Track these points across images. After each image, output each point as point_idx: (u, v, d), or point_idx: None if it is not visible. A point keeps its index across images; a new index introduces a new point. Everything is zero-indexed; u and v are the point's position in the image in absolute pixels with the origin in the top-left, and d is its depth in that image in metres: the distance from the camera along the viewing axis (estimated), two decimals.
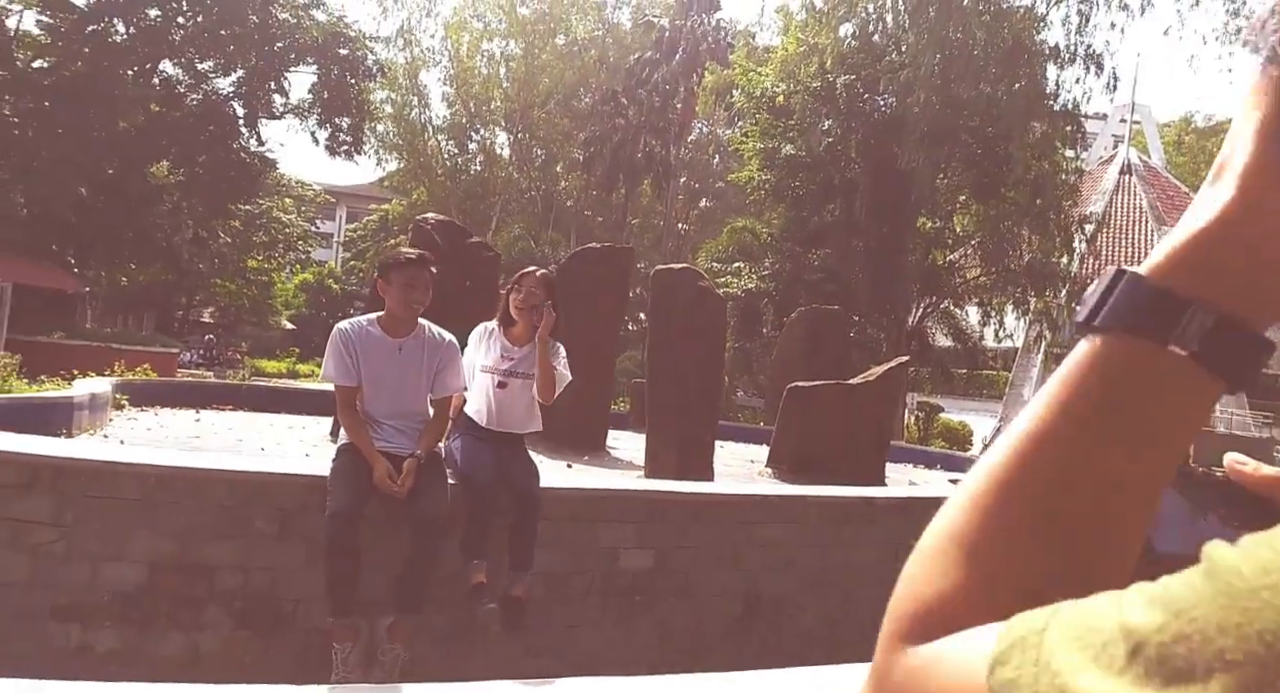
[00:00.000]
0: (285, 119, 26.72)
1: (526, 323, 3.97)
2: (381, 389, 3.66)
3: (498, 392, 3.93)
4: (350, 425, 3.59)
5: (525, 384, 3.96)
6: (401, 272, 3.66)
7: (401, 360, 3.69)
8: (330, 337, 3.68)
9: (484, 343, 4.00)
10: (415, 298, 3.68)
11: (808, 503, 4.65)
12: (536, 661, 3.82)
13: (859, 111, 19.36)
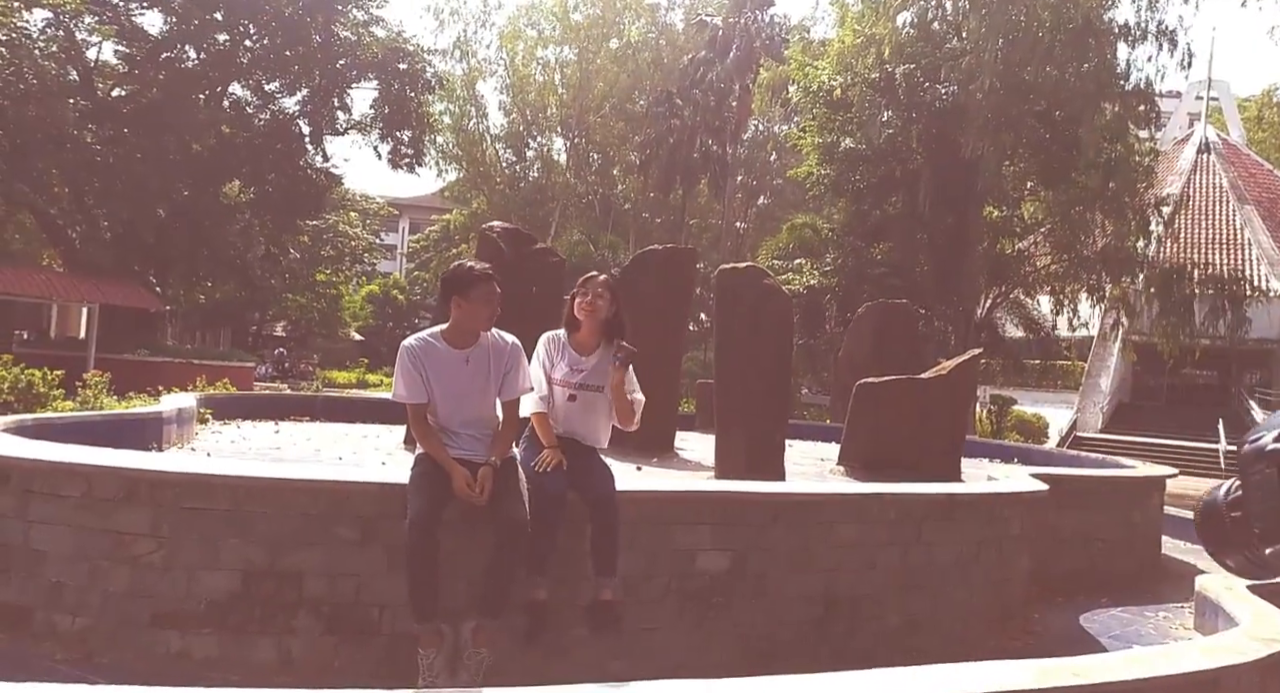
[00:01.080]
0: (348, 135, 27.44)
1: (591, 327, 3.95)
2: (453, 401, 3.67)
3: (569, 405, 3.91)
4: (424, 438, 3.63)
5: (596, 396, 3.93)
6: (480, 288, 3.64)
7: (470, 371, 3.70)
8: (398, 356, 3.70)
9: (552, 353, 3.97)
10: (493, 313, 3.69)
11: (885, 501, 4.55)
12: (615, 663, 3.82)
13: (919, 101, 18.97)
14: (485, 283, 3.67)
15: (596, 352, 3.96)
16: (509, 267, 7.00)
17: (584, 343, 3.97)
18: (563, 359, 3.94)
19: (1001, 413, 22.00)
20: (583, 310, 3.92)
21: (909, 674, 2.68)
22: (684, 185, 31.68)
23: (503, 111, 36.11)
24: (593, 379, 3.92)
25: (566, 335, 4.00)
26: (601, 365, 3.93)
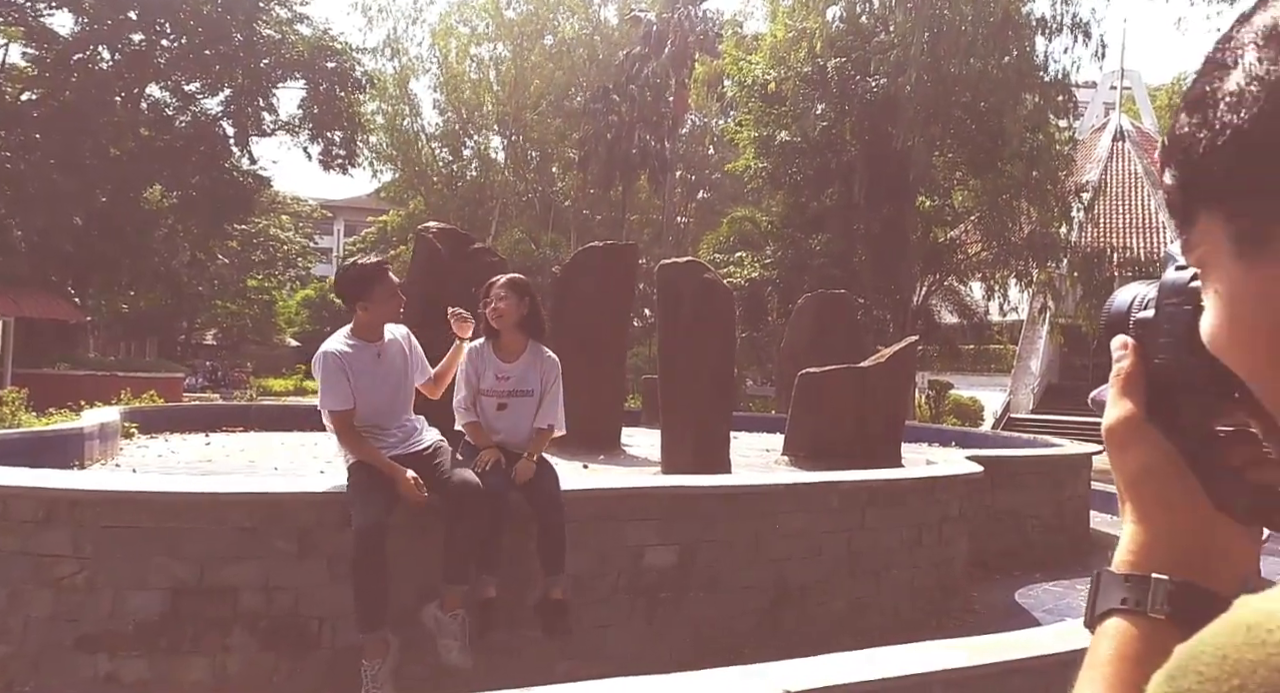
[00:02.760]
0: (276, 136, 26.73)
1: (509, 331, 3.89)
2: (377, 397, 3.64)
3: (500, 414, 3.88)
4: (357, 446, 3.55)
5: (526, 401, 3.89)
6: (382, 283, 3.64)
7: (385, 364, 3.70)
8: (320, 362, 3.59)
9: (477, 365, 3.90)
10: (400, 301, 3.71)
11: (830, 489, 4.61)
12: (568, 663, 3.79)
13: (852, 94, 19.28)
14: (387, 278, 3.66)
15: (521, 356, 3.91)
16: (448, 268, 6.90)
17: (507, 348, 3.92)
18: (487, 369, 3.89)
19: (939, 398, 22.52)
20: (492, 317, 3.86)
21: (854, 659, 2.71)
22: (624, 181, 31.66)
23: (437, 110, 35.61)
24: (522, 385, 3.88)
25: (490, 344, 3.93)
26: (529, 370, 3.89)
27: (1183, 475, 0.50)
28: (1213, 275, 0.43)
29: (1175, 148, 0.43)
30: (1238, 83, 0.39)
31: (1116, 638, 0.47)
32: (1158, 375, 0.52)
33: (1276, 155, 0.37)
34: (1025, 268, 19.94)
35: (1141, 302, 0.54)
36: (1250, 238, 0.39)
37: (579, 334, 7.99)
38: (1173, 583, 0.47)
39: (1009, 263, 20.03)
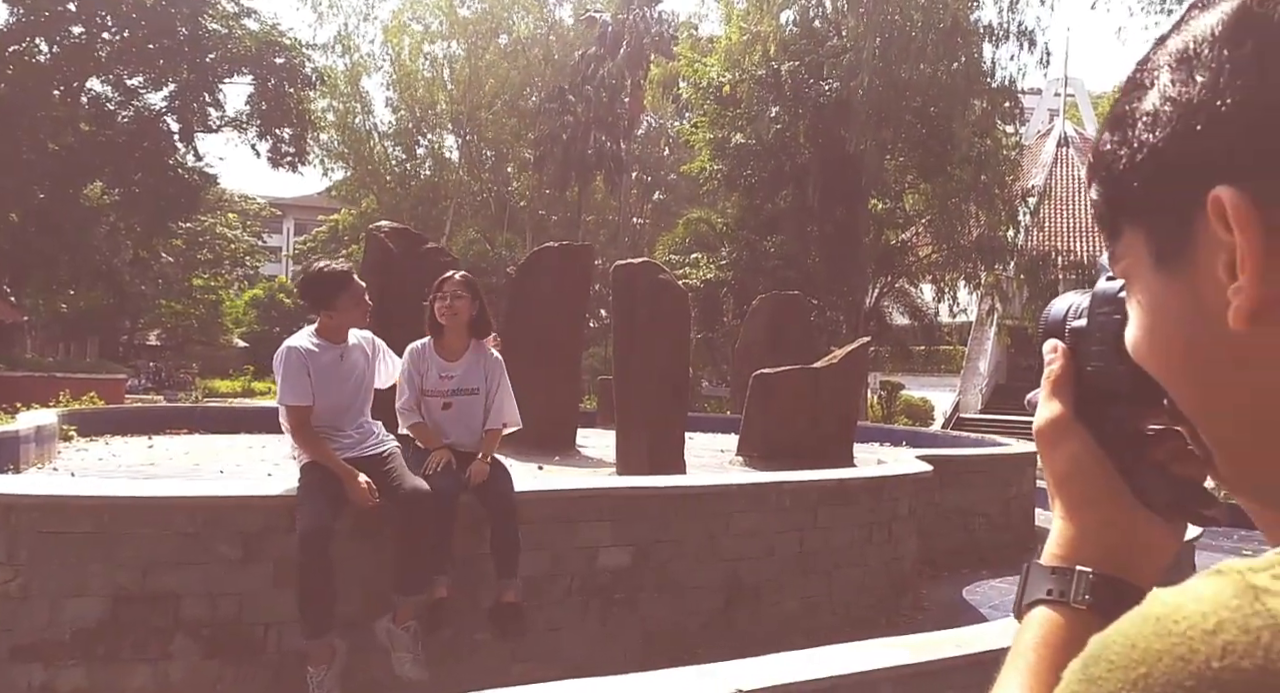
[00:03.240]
0: (223, 132, 26.14)
1: (456, 329, 3.85)
2: (337, 398, 3.60)
3: (446, 414, 3.83)
4: (313, 445, 3.50)
5: (472, 400, 3.85)
6: (350, 290, 3.62)
7: (345, 367, 3.67)
8: (282, 357, 3.56)
9: (419, 365, 3.84)
10: (367, 308, 3.69)
11: (782, 489, 4.65)
12: (522, 665, 3.77)
13: (805, 97, 19.49)
14: (353, 284, 3.63)
15: (465, 355, 3.87)
16: (399, 268, 6.82)
17: (450, 348, 3.87)
18: (430, 369, 3.83)
19: (891, 398, 22.89)
20: (443, 314, 3.81)
21: (804, 657, 2.74)
22: (579, 182, 31.59)
23: (390, 108, 35.13)
24: (466, 383, 3.83)
25: (431, 343, 3.88)
26: (472, 368, 3.85)
27: (1108, 473, 0.52)
28: (1135, 287, 0.44)
29: (1099, 164, 0.44)
30: (1153, 103, 0.40)
31: (1041, 627, 0.49)
32: (1091, 382, 0.54)
33: (1188, 174, 0.38)
34: (974, 270, 20.36)
35: (1076, 311, 0.56)
36: (1167, 252, 0.41)
37: (534, 335, 7.96)
38: (1095, 575, 0.49)
39: (958, 265, 20.44)
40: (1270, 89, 0.36)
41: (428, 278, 6.90)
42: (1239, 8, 0.38)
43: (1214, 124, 0.37)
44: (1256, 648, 0.26)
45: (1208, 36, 0.38)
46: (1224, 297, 0.37)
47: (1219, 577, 0.29)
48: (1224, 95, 0.37)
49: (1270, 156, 0.36)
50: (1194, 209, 0.38)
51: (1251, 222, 0.36)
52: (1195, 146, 0.38)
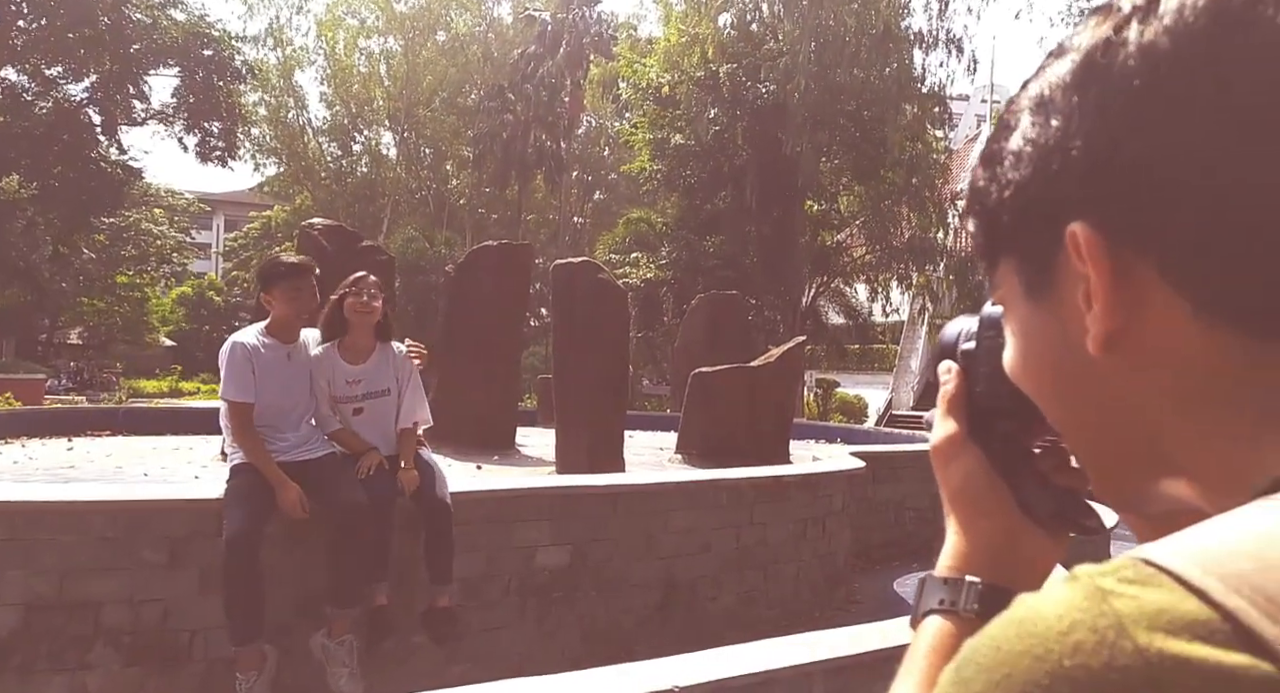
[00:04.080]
0: (148, 125, 25.24)
1: (365, 330, 3.69)
2: (279, 399, 3.52)
3: (358, 420, 3.71)
4: (252, 448, 3.41)
5: (383, 402, 3.72)
6: (286, 282, 3.54)
7: (291, 367, 3.59)
8: (227, 352, 3.47)
9: (325, 371, 3.66)
10: (304, 305, 3.58)
11: (718, 486, 4.71)
12: (459, 667, 3.74)
13: (743, 99, 19.71)
14: (291, 276, 3.54)
15: (371, 356, 3.72)
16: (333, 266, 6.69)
17: (354, 349, 3.71)
18: (335, 374, 3.67)
19: (826, 396, 23.30)
20: (356, 312, 3.65)
21: (741, 652, 2.78)
22: (520, 180, 31.38)
23: (325, 103, 34.40)
24: (376, 385, 3.71)
25: (335, 345, 3.69)
26: (381, 369, 3.72)
27: (997, 488, 0.55)
28: (1010, 314, 0.47)
29: (973, 199, 0.47)
30: (1017, 143, 0.43)
31: (933, 635, 0.52)
32: (980, 402, 0.57)
33: (1048, 210, 0.41)
34: (906, 271, 20.86)
35: (966, 334, 0.59)
36: (1035, 282, 0.44)
37: (473, 334, 7.89)
38: (982, 585, 0.52)
39: (891, 266, 20.92)
40: (1112, 133, 0.38)
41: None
42: (1085, 58, 0.40)
43: (1067, 165, 0.40)
44: (1103, 646, 0.28)
45: (1060, 83, 0.41)
46: (1084, 324, 0.40)
47: (1073, 581, 0.31)
48: (1074, 138, 0.40)
49: (1116, 195, 0.38)
50: (1055, 243, 0.41)
51: (1101, 255, 0.39)
52: (1053, 185, 0.41)
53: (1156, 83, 0.37)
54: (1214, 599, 0.28)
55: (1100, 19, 0.41)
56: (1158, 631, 0.27)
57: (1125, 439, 0.42)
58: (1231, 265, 0.36)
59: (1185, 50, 0.37)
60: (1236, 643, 0.27)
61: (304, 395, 3.63)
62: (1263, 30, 0.35)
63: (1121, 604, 0.28)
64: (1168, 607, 0.28)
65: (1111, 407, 0.42)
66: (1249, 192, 0.35)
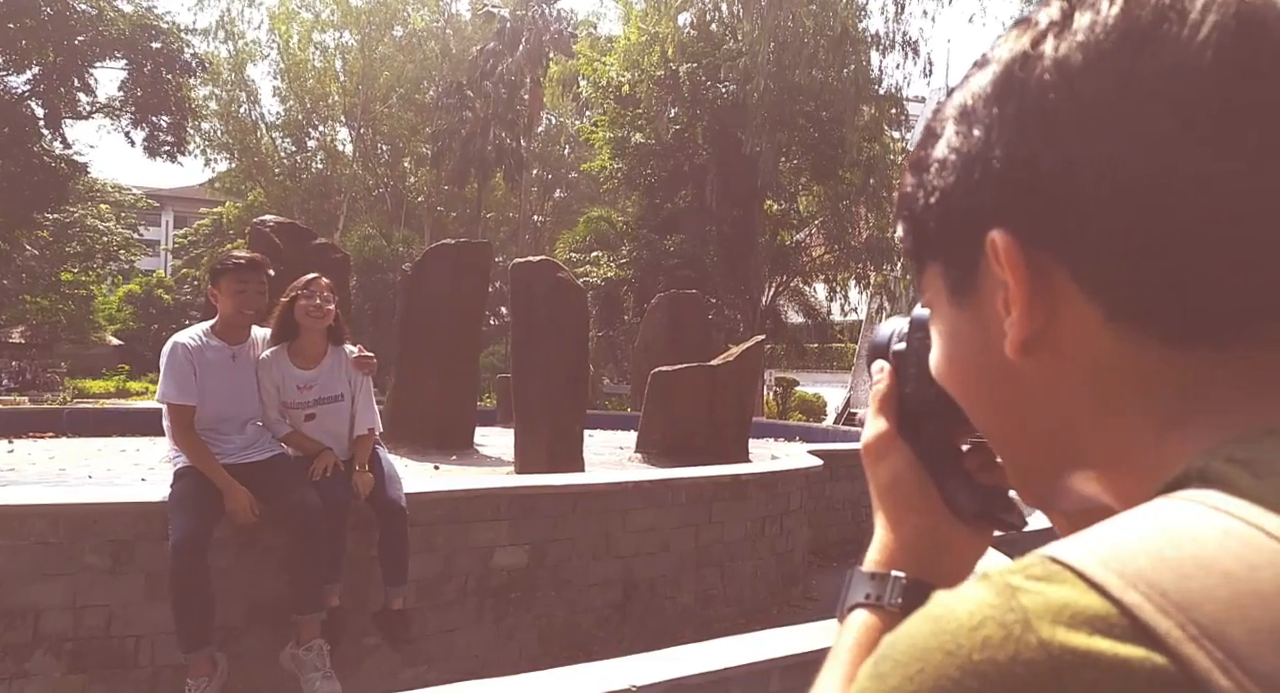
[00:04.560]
0: (94, 119, 24.55)
1: (316, 333, 3.60)
2: (223, 401, 3.43)
3: (309, 426, 3.63)
4: (196, 452, 3.33)
5: (336, 407, 3.63)
6: (232, 276, 3.44)
7: (237, 369, 3.50)
8: (167, 352, 3.38)
9: (274, 376, 3.56)
10: (248, 303, 3.47)
11: (677, 486, 4.71)
12: (414, 670, 3.70)
13: (703, 99, 19.78)
14: (239, 271, 3.45)
15: (323, 360, 3.63)
16: (286, 264, 6.56)
17: (305, 354, 3.61)
18: (285, 380, 3.57)
19: (786, 394, 23.49)
20: (308, 315, 3.54)
21: (698, 650, 2.79)
22: (479, 178, 31.12)
23: (278, 98, 33.74)
24: (329, 391, 3.62)
25: (285, 348, 3.59)
26: (333, 374, 3.63)
27: (924, 485, 0.57)
28: (936, 316, 0.49)
29: (902, 205, 0.49)
30: (942, 151, 0.45)
31: (859, 629, 0.53)
32: (908, 402, 0.58)
33: (971, 217, 0.43)
34: (864, 270, 21.11)
35: (898, 335, 0.60)
36: (959, 287, 0.45)
37: (431, 333, 7.81)
38: (907, 580, 0.54)
39: (849, 265, 21.15)
40: (1030, 145, 0.40)
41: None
42: (1004, 70, 0.42)
43: (988, 174, 0.41)
44: (1009, 640, 0.29)
45: (982, 94, 0.43)
46: (1003, 328, 0.42)
47: (984, 579, 0.31)
48: (994, 149, 0.41)
49: (1033, 205, 0.40)
50: (977, 249, 0.42)
51: (1019, 263, 0.40)
52: (975, 193, 0.42)
53: (1070, 97, 0.39)
54: (1113, 595, 0.29)
55: (1020, 32, 0.42)
56: (1060, 625, 0.28)
57: (1043, 440, 0.44)
58: (1140, 274, 0.37)
59: (1096, 66, 0.38)
60: (1133, 636, 0.28)
61: (251, 398, 3.53)
62: (1169, 48, 0.37)
63: (1028, 600, 0.30)
64: (1070, 602, 0.29)
65: (1030, 409, 0.44)
66: (1155, 205, 0.36)
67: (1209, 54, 0.36)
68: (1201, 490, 0.32)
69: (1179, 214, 0.36)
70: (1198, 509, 0.31)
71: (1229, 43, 0.36)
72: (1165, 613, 0.28)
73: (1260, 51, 0.36)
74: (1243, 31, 0.36)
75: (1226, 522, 0.30)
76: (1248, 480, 0.32)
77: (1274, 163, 0.36)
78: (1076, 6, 0.40)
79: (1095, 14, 0.39)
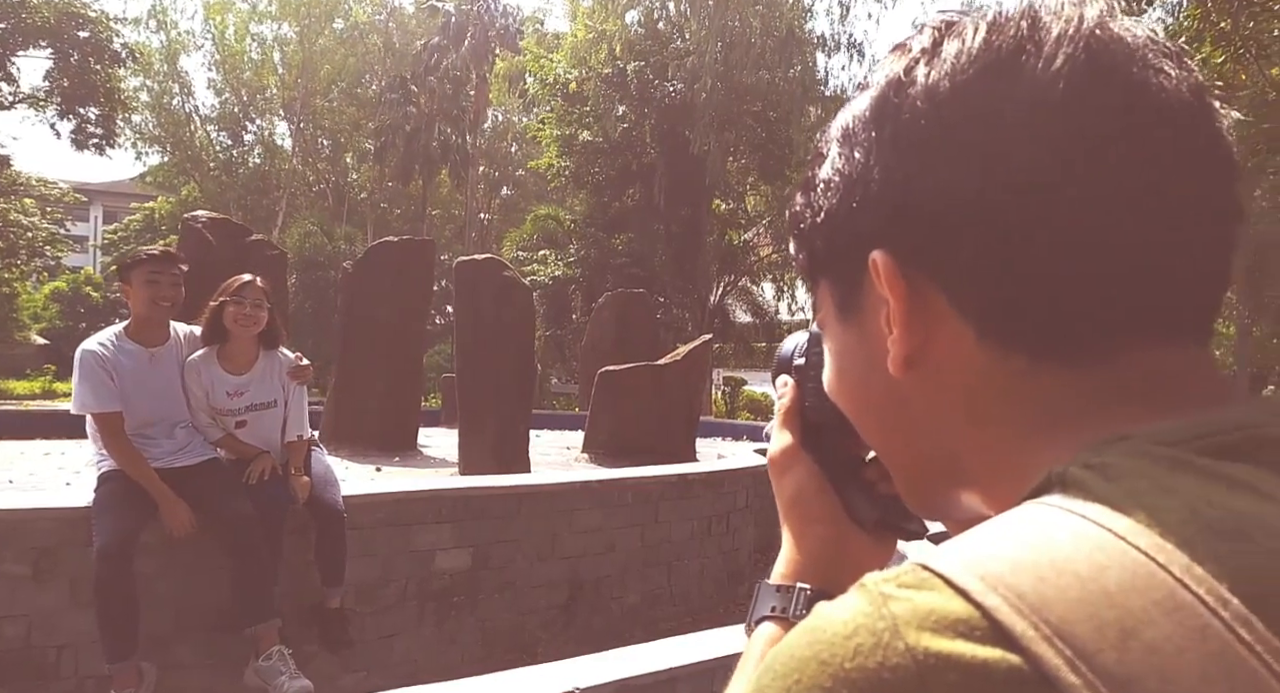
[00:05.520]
0: (17, 110, 23.55)
1: (247, 339, 3.48)
2: (146, 404, 3.30)
3: (241, 433, 3.51)
4: (127, 458, 3.19)
5: (268, 413, 3.52)
6: (143, 268, 3.30)
7: (156, 371, 3.34)
8: (78, 361, 3.22)
9: (203, 381, 3.43)
10: (160, 295, 3.30)
11: (624, 486, 4.70)
12: (353, 676, 3.62)
13: (651, 98, 19.79)
14: (147, 263, 3.31)
15: (255, 365, 3.52)
16: (220, 260, 6.37)
17: (235, 359, 3.48)
18: (215, 386, 3.44)
19: (734, 394, 23.66)
20: (239, 323, 3.42)
21: (643, 651, 2.78)
22: (424, 175, 30.67)
23: (213, 90, 32.79)
24: (261, 397, 3.51)
25: (214, 351, 3.47)
26: (266, 379, 3.53)
27: (827, 496, 0.58)
28: (827, 333, 0.50)
29: (793, 224, 0.49)
30: (827, 172, 0.46)
31: (764, 642, 0.54)
32: (810, 415, 0.59)
33: (854, 237, 0.44)
34: None
35: (799, 350, 0.61)
36: (846, 305, 0.46)
37: (373, 332, 7.66)
38: (811, 591, 0.55)
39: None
40: (905, 169, 0.41)
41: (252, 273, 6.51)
42: (880, 95, 0.43)
43: (867, 197, 0.43)
44: (879, 647, 0.29)
45: (862, 118, 0.44)
46: (886, 346, 0.43)
47: (860, 588, 0.32)
48: (872, 172, 0.43)
49: (909, 227, 0.41)
50: (861, 269, 0.43)
51: (898, 283, 0.41)
52: (856, 215, 0.43)
53: (939, 123, 0.40)
54: (975, 599, 0.30)
55: (896, 57, 0.44)
56: (926, 630, 0.29)
57: (928, 454, 0.45)
58: (1005, 295, 0.39)
59: (962, 94, 0.40)
60: (992, 638, 0.29)
61: (177, 401, 3.39)
62: (1026, 78, 0.39)
63: (898, 607, 0.30)
64: (937, 607, 0.30)
65: (914, 424, 0.45)
66: (1016, 230, 0.38)
67: (1061, 85, 0.38)
68: (1060, 496, 0.34)
69: (1038, 238, 0.38)
70: (1055, 513, 0.33)
71: (1079, 75, 0.38)
72: (1021, 614, 0.29)
73: (1107, 84, 0.38)
74: (1092, 64, 0.38)
75: (1080, 524, 0.31)
76: (1100, 484, 0.33)
77: (1122, 190, 0.38)
78: (946, 34, 0.42)
79: (961, 43, 0.41)
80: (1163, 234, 0.38)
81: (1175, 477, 0.33)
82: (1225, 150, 0.40)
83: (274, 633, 3.22)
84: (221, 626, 3.28)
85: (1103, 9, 0.41)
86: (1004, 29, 0.40)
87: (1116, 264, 0.38)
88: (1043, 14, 0.40)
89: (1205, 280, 0.40)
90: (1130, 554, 0.30)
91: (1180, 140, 0.39)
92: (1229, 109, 0.41)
